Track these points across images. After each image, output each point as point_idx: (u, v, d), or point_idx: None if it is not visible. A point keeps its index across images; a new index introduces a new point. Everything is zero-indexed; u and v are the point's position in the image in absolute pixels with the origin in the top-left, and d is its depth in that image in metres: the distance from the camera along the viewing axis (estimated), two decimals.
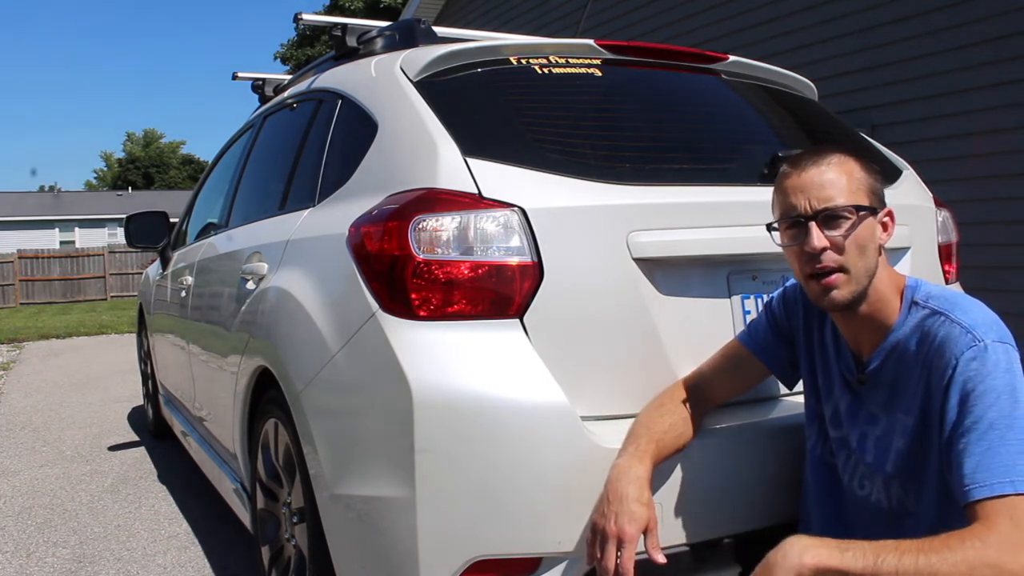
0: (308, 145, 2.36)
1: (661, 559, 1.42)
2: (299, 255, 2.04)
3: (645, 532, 1.42)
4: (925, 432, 1.39)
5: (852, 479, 1.53)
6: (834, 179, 1.41)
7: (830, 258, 1.40)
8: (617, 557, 1.40)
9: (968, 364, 1.31)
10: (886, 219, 1.48)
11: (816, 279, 1.42)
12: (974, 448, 1.26)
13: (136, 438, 4.95)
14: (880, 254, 1.46)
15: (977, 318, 1.36)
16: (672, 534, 1.56)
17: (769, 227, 1.51)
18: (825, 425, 1.59)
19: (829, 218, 1.40)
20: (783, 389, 1.81)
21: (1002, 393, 1.28)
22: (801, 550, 1.23)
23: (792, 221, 1.44)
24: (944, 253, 2.23)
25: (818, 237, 1.40)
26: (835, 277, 1.41)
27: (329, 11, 25.63)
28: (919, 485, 1.41)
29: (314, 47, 28.45)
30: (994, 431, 1.26)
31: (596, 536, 1.44)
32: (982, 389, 1.29)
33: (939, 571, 1.17)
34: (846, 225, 1.40)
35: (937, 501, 1.38)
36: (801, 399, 1.70)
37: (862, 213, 1.41)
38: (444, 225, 1.60)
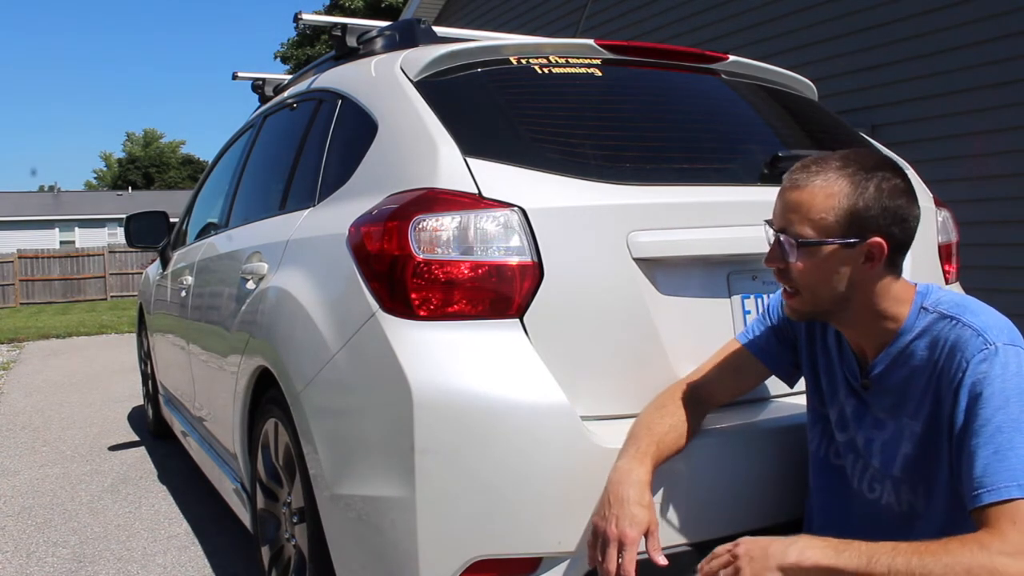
0: (308, 145, 2.36)
1: (662, 561, 1.42)
2: (299, 255, 2.04)
3: (646, 534, 1.42)
4: (934, 437, 1.37)
5: (862, 482, 1.51)
6: (802, 202, 1.37)
7: (777, 274, 1.44)
8: (618, 559, 1.40)
9: (978, 366, 1.29)
10: (872, 250, 1.36)
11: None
12: (981, 452, 1.25)
13: (136, 438, 4.95)
14: (870, 284, 1.39)
15: (989, 321, 1.34)
16: (671, 534, 1.56)
17: (768, 221, 1.51)
18: (831, 427, 1.58)
19: (787, 241, 1.39)
20: (783, 389, 1.80)
21: (1012, 396, 1.26)
22: (801, 549, 1.25)
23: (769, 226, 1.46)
24: (944, 253, 2.23)
25: (771, 255, 1.43)
26: (789, 293, 1.45)
27: (329, 11, 25.60)
28: (928, 489, 1.40)
29: (314, 47, 28.42)
30: (1002, 434, 1.24)
31: (597, 539, 1.44)
32: (990, 392, 1.27)
33: (932, 572, 1.16)
34: (796, 255, 1.38)
35: (947, 504, 1.37)
36: (801, 399, 1.70)
37: (807, 248, 1.37)
38: (444, 225, 1.60)
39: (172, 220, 4.17)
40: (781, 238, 1.40)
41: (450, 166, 1.66)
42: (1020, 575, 1.15)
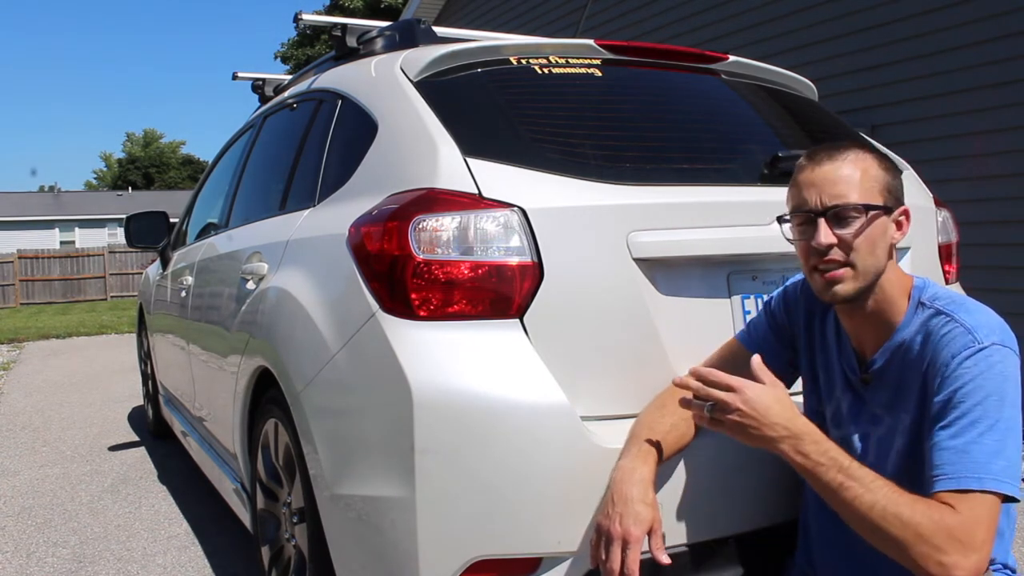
0: (308, 145, 2.36)
1: (665, 559, 1.42)
2: (299, 255, 2.04)
3: (650, 533, 1.42)
4: (921, 431, 1.39)
5: None
6: (847, 176, 1.41)
7: (837, 254, 1.41)
8: (622, 558, 1.40)
9: (963, 362, 1.31)
10: (901, 218, 1.45)
11: (821, 272, 1.43)
12: (951, 442, 1.27)
13: (136, 438, 4.95)
14: (891, 255, 1.44)
15: (981, 320, 1.36)
16: (672, 534, 1.56)
17: (780, 219, 1.51)
18: (826, 425, 1.59)
19: (839, 215, 1.40)
20: None
21: (991, 393, 1.28)
22: (788, 448, 1.37)
23: (803, 216, 1.44)
24: (944, 253, 2.23)
25: (826, 234, 1.40)
26: (841, 272, 1.41)
27: (329, 11, 25.62)
28: (917, 487, 1.41)
29: (314, 47, 28.44)
30: (975, 429, 1.27)
31: (601, 538, 1.44)
32: (972, 387, 1.29)
33: (900, 515, 1.24)
34: (856, 224, 1.40)
35: None
36: (800, 399, 1.70)
37: (872, 212, 1.40)
38: (444, 225, 1.60)
39: (172, 220, 4.17)
40: (839, 212, 1.40)
41: (450, 166, 1.67)
42: (950, 564, 1.21)
